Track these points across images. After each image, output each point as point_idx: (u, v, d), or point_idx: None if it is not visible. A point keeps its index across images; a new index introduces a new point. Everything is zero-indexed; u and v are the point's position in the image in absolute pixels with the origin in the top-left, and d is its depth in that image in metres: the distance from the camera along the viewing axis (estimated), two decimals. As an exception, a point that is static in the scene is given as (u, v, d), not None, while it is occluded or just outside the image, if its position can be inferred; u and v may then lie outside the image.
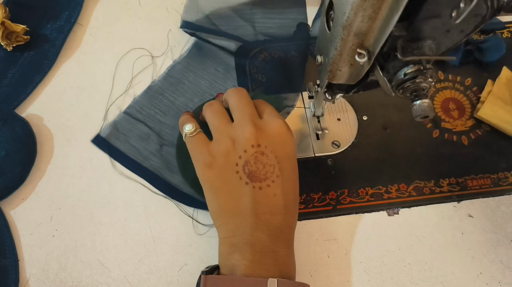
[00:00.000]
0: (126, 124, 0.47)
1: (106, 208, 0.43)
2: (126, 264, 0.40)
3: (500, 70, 0.49)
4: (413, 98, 0.27)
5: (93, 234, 0.42)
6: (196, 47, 0.52)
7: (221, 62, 0.51)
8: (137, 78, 0.50)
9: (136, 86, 0.49)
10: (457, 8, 0.21)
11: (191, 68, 0.50)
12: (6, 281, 0.39)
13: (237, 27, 0.53)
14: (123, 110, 0.47)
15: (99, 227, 0.42)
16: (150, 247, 0.41)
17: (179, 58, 0.51)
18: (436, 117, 0.48)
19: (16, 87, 0.48)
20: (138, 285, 0.40)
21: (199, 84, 0.50)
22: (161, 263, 0.41)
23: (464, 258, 0.41)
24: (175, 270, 0.40)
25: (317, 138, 0.46)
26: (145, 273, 0.40)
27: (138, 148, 0.45)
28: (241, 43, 0.51)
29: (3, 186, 0.42)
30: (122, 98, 0.48)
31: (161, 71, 0.50)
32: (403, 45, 0.25)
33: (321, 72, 0.36)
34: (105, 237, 0.42)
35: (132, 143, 0.46)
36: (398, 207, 0.43)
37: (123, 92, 0.48)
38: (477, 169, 0.45)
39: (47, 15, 0.52)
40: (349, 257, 0.41)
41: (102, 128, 0.46)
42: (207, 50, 0.51)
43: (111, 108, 0.48)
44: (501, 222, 0.43)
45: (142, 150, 0.45)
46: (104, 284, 0.40)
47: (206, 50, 0.51)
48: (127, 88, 0.49)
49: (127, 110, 0.47)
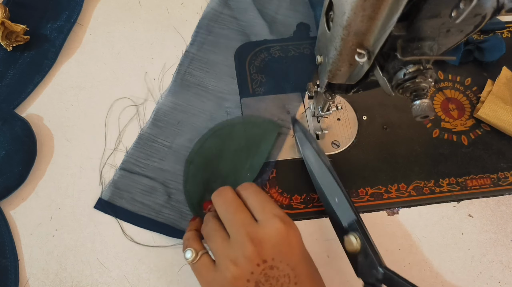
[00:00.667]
0: (126, 181, 0.43)
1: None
2: (126, 264, 0.40)
3: (500, 70, 0.49)
4: (413, 98, 0.27)
5: (93, 234, 0.42)
6: (175, 83, 0.49)
7: (206, 91, 0.48)
8: (125, 130, 0.47)
9: (125, 139, 0.46)
10: (457, 8, 0.21)
11: (178, 107, 0.47)
12: (6, 281, 0.39)
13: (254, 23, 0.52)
14: (119, 167, 0.44)
15: (99, 227, 0.42)
16: (150, 247, 0.41)
17: (162, 99, 0.48)
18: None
19: (16, 87, 0.48)
20: (138, 285, 0.40)
21: (191, 121, 0.46)
22: (161, 263, 0.41)
23: (464, 258, 0.41)
24: (175, 270, 0.40)
25: (317, 138, 0.46)
26: (145, 273, 0.40)
27: (146, 203, 0.42)
28: (242, 43, 0.51)
29: (3, 186, 0.42)
30: (113, 155, 0.45)
31: (146, 117, 0.47)
32: (403, 45, 0.25)
33: (321, 72, 0.36)
34: (105, 237, 0.42)
35: (138, 199, 0.43)
36: (398, 207, 0.43)
37: (113, 149, 0.45)
38: (477, 169, 0.45)
39: (47, 15, 0.52)
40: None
41: (103, 191, 0.43)
42: (187, 82, 0.49)
43: (105, 169, 0.45)
44: (501, 222, 0.43)
45: (152, 204, 0.42)
46: (104, 284, 0.40)
47: (186, 82, 0.49)
48: (116, 144, 0.46)
49: (122, 166, 0.44)
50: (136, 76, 0.50)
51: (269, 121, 0.46)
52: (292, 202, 0.43)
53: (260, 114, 0.47)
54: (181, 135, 0.46)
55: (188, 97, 0.48)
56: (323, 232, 0.42)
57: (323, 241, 0.42)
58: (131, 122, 0.47)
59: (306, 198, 0.44)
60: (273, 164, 0.45)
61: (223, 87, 0.49)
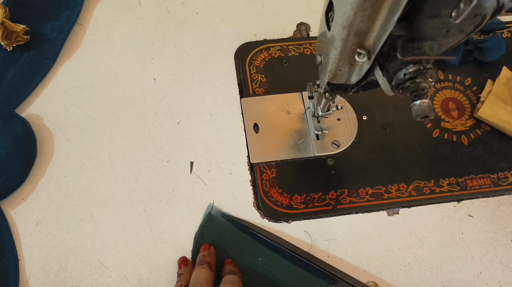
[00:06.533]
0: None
1: (106, 208, 0.43)
2: (126, 264, 0.40)
3: (500, 70, 0.49)
4: (413, 98, 0.27)
5: (93, 234, 0.42)
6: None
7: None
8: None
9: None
10: (457, 8, 0.21)
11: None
12: (6, 281, 0.39)
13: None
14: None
15: (99, 227, 0.42)
16: (150, 247, 0.41)
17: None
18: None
19: (16, 87, 0.48)
20: (138, 285, 0.40)
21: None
22: (161, 263, 0.41)
23: (464, 258, 0.41)
24: (175, 270, 0.40)
25: (317, 138, 0.46)
26: (145, 273, 0.40)
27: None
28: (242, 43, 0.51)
29: (3, 186, 0.42)
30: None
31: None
32: (403, 45, 0.25)
33: (321, 72, 0.36)
34: (105, 237, 0.42)
35: None
36: (398, 207, 0.43)
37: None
38: (477, 169, 0.45)
39: (47, 15, 0.52)
40: (349, 257, 0.41)
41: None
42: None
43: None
44: (501, 222, 0.43)
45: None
46: (104, 284, 0.40)
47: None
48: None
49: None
50: (136, 76, 0.50)
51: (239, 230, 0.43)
52: (292, 202, 0.43)
53: (260, 114, 0.47)
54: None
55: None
56: (323, 232, 0.42)
57: (323, 241, 0.42)
58: (131, 123, 0.47)
59: (306, 198, 0.44)
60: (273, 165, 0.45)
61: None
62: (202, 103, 0.49)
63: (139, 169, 0.45)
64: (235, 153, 0.46)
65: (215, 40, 0.52)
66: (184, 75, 0.50)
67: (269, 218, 0.43)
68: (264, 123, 0.47)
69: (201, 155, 0.46)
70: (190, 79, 0.50)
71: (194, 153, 0.46)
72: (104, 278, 0.40)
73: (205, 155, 0.46)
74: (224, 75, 0.50)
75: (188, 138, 0.47)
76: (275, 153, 0.46)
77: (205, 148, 0.46)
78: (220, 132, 0.47)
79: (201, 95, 0.49)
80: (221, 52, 0.52)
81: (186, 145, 0.47)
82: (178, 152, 0.46)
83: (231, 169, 0.45)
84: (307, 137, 0.47)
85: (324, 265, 0.40)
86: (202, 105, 0.49)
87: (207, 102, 0.49)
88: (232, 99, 0.49)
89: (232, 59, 0.51)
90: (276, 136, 0.47)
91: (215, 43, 0.52)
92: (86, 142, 0.46)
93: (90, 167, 0.45)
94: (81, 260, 0.40)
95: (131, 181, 0.44)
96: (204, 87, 0.50)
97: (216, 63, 0.51)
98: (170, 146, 0.46)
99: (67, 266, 0.40)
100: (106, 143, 0.46)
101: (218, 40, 0.52)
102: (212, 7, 0.54)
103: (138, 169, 0.45)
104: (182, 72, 0.50)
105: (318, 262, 0.40)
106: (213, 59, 0.51)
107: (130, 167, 0.45)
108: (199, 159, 0.46)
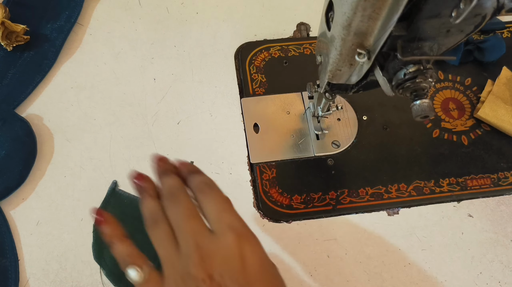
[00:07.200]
0: None
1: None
2: (126, 264, 0.40)
3: (500, 70, 0.49)
4: (413, 98, 0.27)
5: (93, 234, 0.42)
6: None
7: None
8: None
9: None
10: (457, 8, 0.21)
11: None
12: (6, 281, 0.39)
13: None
14: None
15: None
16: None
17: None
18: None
19: (16, 87, 0.48)
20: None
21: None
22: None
23: (464, 258, 0.41)
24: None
25: (317, 138, 0.46)
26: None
27: None
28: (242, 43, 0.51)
29: (3, 186, 0.42)
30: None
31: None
32: (403, 45, 0.25)
33: (321, 72, 0.36)
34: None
35: None
36: (398, 207, 0.43)
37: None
38: (477, 169, 0.45)
39: (47, 15, 0.52)
40: (349, 257, 0.41)
41: None
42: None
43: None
44: (501, 222, 0.43)
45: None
46: (104, 284, 0.39)
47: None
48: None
49: None
50: (136, 76, 0.50)
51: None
52: (292, 202, 0.43)
53: (260, 114, 0.47)
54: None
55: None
56: (323, 232, 0.42)
57: (323, 241, 0.42)
58: (131, 123, 0.47)
59: (306, 198, 0.44)
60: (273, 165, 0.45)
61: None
62: (202, 103, 0.49)
63: (139, 169, 0.45)
64: (235, 153, 0.46)
65: (215, 40, 0.52)
66: (184, 75, 0.50)
67: (269, 218, 0.43)
68: (264, 123, 0.47)
69: (201, 155, 0.46)
70: (190, 79, 0.50)
71: (194, 153, 0.46)
72: (104, 278, 0.40)
73: (205, 155, 0.46)
74: (224, 75, 0.50)
75: (188, 138, 0.47)
76: (275, 153, 0.46)
77: (205, 148, 0.46)
78: (220, 132, 0.47)
79: (201, 95, 0.49)
80: (221, 52, 0.52)
81: (186, 145, 0.46)
82: (178, 152, 0.46)
83: (231, 169, 0.45)
84: (307, 137, 0.47)
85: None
86: (202, 105, 0.49)
87: (207, 102, 0.49)
88: (232, 99, 0.49)
89: (232, 59, 0.51)
90: (276, 136, 0.47)
91: (215, 43, 0.52)
92: (86, 142, 0.46)
93: (90, 167, 0.45)
94: (81, 260, 0.40)
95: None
96: (204, 87, 0.50)
97: (216, 63, 0.51)
98: (170, 145, 0.46)
99: (67, 266, 0.40)
100: (106, 143, 0.46)
101: (218, 40, 0.52)
102: (212, 7, 0.54)
103: (138, 169, 0.45)
104: (182, 72, 0.50)
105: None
106: (213, 59, 0.51)
107: (130, 167, 0.45)
108: (199, 158, 0.46)
